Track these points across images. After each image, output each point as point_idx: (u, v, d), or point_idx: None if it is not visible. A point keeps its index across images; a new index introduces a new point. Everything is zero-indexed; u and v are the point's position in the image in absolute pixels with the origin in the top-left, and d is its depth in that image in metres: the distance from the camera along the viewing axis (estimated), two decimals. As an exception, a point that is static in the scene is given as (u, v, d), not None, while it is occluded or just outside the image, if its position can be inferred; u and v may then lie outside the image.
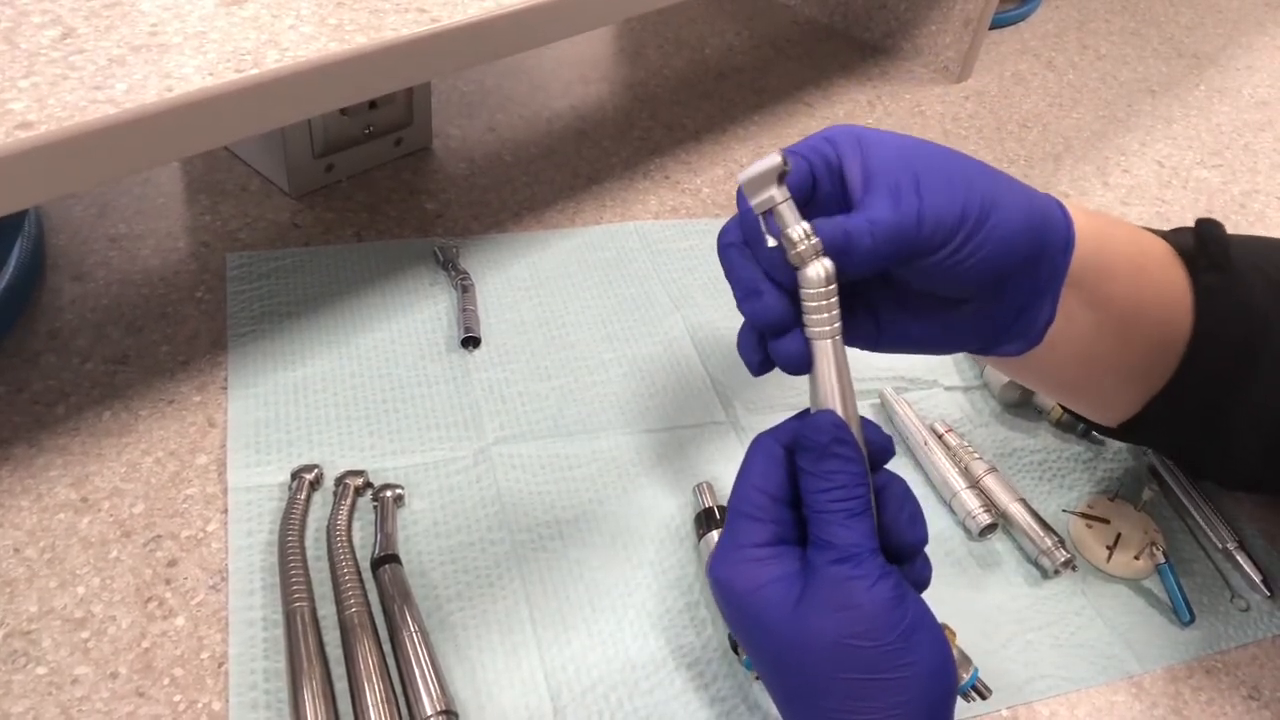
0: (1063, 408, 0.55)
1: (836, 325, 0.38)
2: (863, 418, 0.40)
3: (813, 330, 0.38)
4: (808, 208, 0.38)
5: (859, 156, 0.38)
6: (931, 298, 0.41)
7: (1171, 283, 0.44)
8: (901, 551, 0.38)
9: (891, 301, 0.42)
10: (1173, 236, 0.46)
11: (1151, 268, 0.44)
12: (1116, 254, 0.43)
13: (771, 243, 0.37)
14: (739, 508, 0.39)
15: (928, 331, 0.43)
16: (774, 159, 0.37)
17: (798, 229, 0.36)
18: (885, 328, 0.43)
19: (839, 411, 0.38)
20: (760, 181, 0.37)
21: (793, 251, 0.37)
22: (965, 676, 0.44)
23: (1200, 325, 0.44)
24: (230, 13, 0.45)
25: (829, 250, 0.36)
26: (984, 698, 0.45)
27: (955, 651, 0.44)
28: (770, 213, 0.37)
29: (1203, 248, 0.45)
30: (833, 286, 0.37)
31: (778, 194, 0.37)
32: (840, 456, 0.37)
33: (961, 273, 0.38)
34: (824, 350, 0.38)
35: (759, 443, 0.40)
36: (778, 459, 0.39)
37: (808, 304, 0.38)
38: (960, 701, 0.43)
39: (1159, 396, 0.45)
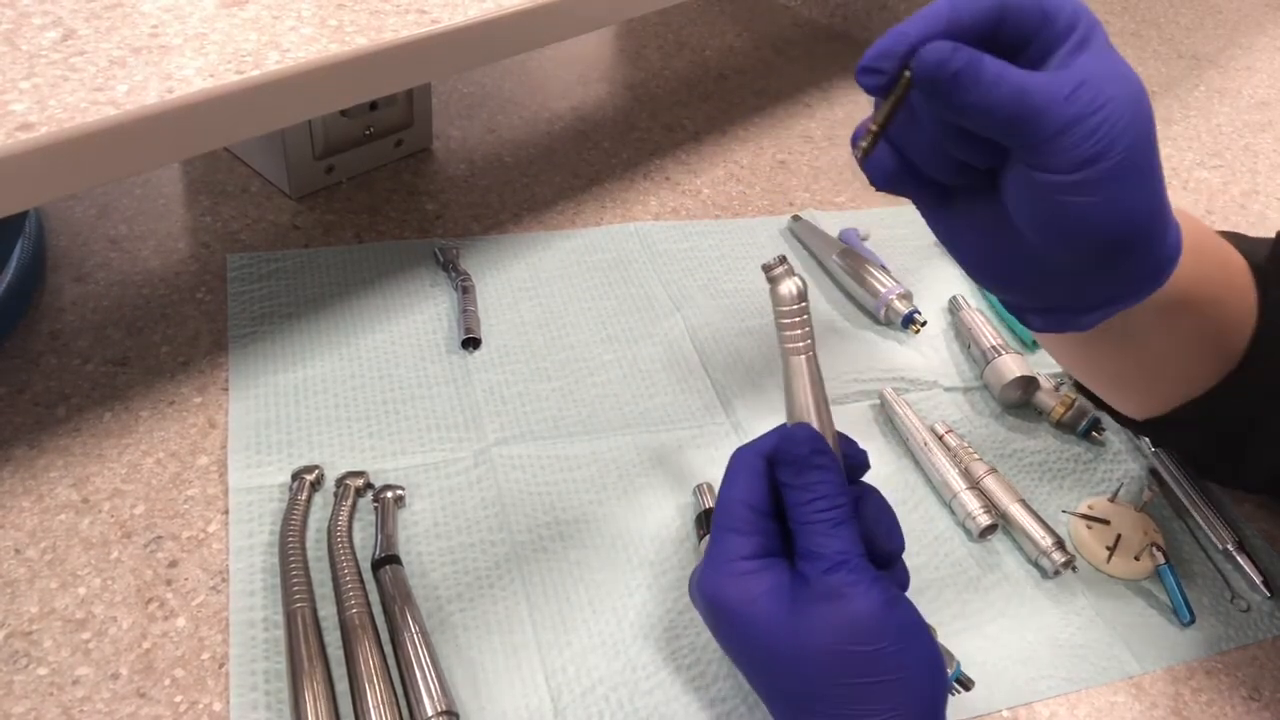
0: (1081, 390, 0.54)
1: (810, 342, 0.39)
2: (839, 432, 0.41)
3: (787, 346, 0.39)
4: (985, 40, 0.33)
5: (1086, 40, 0.33)
6: (1013, 231, 0.36)
7: (1241, 299, 0.42)
8: (880, 560, 0.39)
9: (978, 206, 0.37)
10: (1245, 244, 0.44)
11: (1231, 297, 0.42)
12: (1204, 284, 0.40)
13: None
14: (723, 522, 0.39)
15: (984, 251, 0.38)
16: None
17: (871, 119, 0.34)
18: (952, 217, 0.38)
19: (814, 425, 0.39)
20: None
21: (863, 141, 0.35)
22: (949, 671, 0.44)
23: (1258, 341, 0.43)
24: (231, 14, 0.45)
25: (931, 66, 0.31)
26: (966, 689, 0.45)
27: None
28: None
29: (1276, 264, 0.44)
30: (804, 304, 0.38)
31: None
32: (820, 467, 0.38)
33: (1069, 211, 0.33)
34: (799, 365, 0.39)
35: (739, 457, 0.40)
36: (759, 471, 0.40)
37: (781, 320, 0.39)
38: (950, 697, 0.43)
39: (1193, 403, 0.44)
